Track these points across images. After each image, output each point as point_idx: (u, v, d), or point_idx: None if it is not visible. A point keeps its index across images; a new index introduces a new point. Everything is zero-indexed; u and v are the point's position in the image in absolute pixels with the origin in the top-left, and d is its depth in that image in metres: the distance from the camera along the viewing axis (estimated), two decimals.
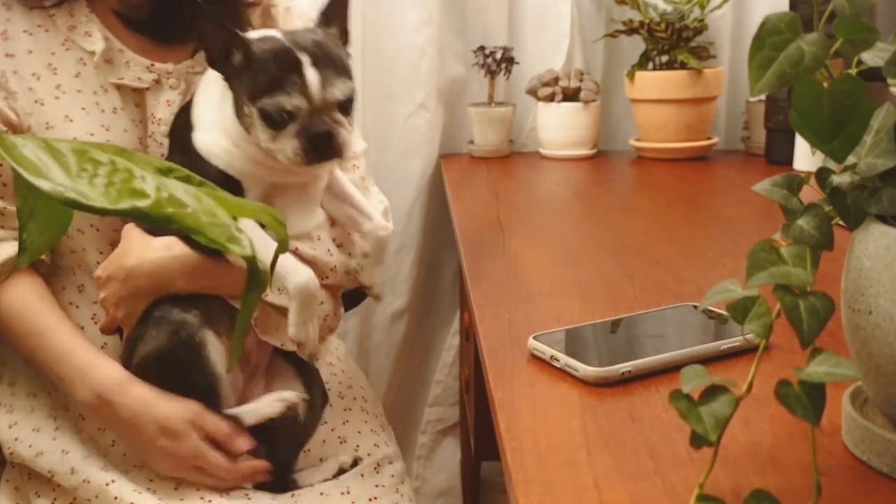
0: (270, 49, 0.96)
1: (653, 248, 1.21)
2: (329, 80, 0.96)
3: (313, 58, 0.96)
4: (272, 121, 0.96)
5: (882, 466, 0.59)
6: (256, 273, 0.41)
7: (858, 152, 0.56)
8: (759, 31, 0.54)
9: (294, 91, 0.95)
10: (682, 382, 0.52)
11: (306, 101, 0.95)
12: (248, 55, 0.96)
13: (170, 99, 1.11)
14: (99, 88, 1.09)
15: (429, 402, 2.01)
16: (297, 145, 0.96)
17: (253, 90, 0.96)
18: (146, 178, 0.40)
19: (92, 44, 1.09)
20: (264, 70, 0.95)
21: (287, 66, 0.95)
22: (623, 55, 1.97)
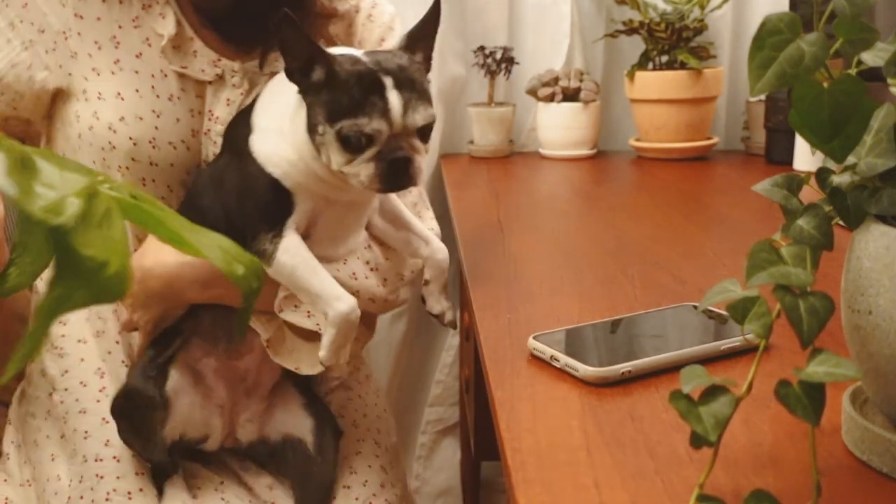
0: (353, 69, 0.91)
1: (653, 248, 1.21)
2: (411, 104, 0.91)
3: (396, 81, 0.91)
4: (349, 144, 0.90)
5: (882, 466, 0.59)
6: (69, 254, 0.34)
7: (858, 152, 0.56)
8: (759, 31, 0.54)
9: (375, 115, 0.90)
10: (682, 382, 0.52)
11: (387, 126, 0.90)
12: (330, 73, 0.90)
13: (230, 98, 1.08)
14: (158, 73, 1.06)
15: (429, 402, 2.01)
16: (374, 171, 0.91)
17: (332, 110, 0.91)
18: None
19: (163, 26, 1.06)
20: (346, 91, 0.90)
21: (370, 88, 0.90)
22: (623, 55, 1.97)
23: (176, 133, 1.06)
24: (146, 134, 1.05)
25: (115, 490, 1.03)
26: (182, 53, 1.07)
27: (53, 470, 1.07)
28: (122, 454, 1.05)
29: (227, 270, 0.41)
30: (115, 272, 0.34)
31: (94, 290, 0.34)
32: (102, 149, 1.05)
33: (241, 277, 0.42)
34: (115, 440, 1.05)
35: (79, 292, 0.34)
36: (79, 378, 1.09)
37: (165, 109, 1.06)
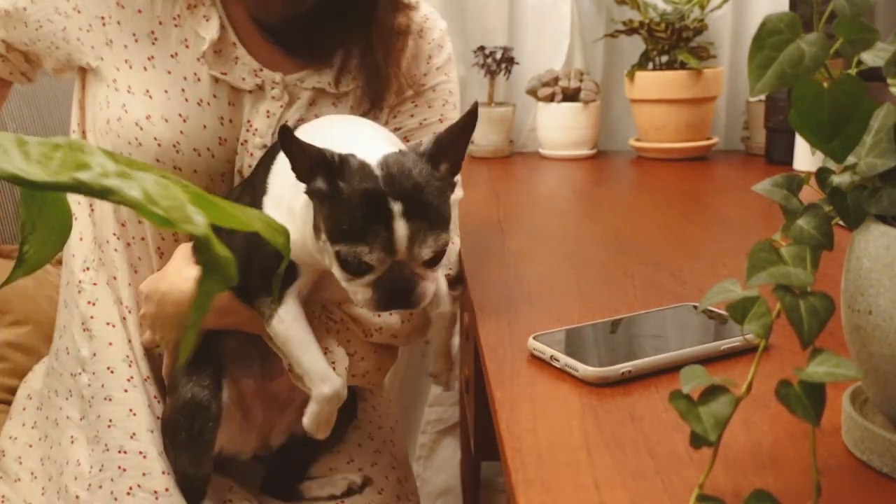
0: (359, 188, 0.82)
1: (653, 248, 1.21)
2: (419, 235, 0.83)
3: (407, 206, 0.82)
4: (348, 267, 0.85)
5: (882, 466, 0.59)
6: (212, 257, 0.40)
7: (858, 152, 0.56)
8: (759, 31, 0.53)
9: (377, 245, 0.82)
10: (681, 382, 0.51)
11: (389, 257, 0.83)
12: (333, 187, 0.83)
13: (270, 110, 1.04)
14: (191, 75, 1.03)
15: (429, 402, 2.01)
16: (371, 296, 0.85)
17: (334, 230, 0.84)
18: (95, 154, 0.39)
19: (206, 29, 1.03)
20: (348, 212, 0.82)
21: (375, 214, 0.82)
22: (623, 55, 1.97)
23: (202, 140, 1.03)
24: (171, 137, 1.03)
25: (140, 486, 1.02)
26: (223, 59, 1.03)
27: (73, 453, 1.07)
28: (148, 450, 1.04)
29: (269, 238, 0.46)
30: (234, 263, 0.40)
31: (226, 280, 0.40)
32: (129, 143, 1.03)
33: (283, 245, 0.48)
34: (142, 434, 1.04)
35: (218, 286, 0.40)
36: (107, 363, 1.08)
37: (193, 114, 1.03)
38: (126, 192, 0.38)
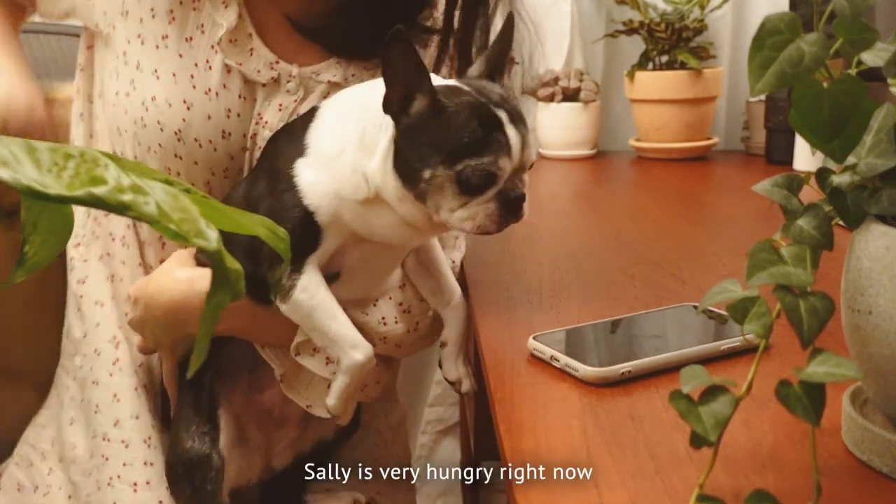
0: (464, 102, 0.82)
1: (653, 248, 1.21)
2: (525, 139, 0.84)
3: (509, 114, 0.83)
4: (469, 186, 0.82)
5: (882, 467, 0.59)
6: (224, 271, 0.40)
7: (858, 152, 0.56)
8: (759, 31, 0.53)
9: (500, 152, 0.81)
10: (681, 382, 0.51)
11: (510, 164, 0.82)
12: (435, 105, 0.81)
13: (283, 104, 1.00)
14: (203, 62, 0.99)
15: (429, 402, 2.01)
16: (494, 211, 0.83)
17: (449, 149, 0.81)
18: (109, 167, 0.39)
19: (224, 16, 0.98)
20: (462, 126, 0.80)
21: (487, 123, 0.81)
22: (623, 55, 1.97)
23: (204, 130, 0.99)
24: (173, 123, 0.98)
25: (119, 477, 1.00)
26: (238, 49, 0.99)
27: (71, 436, 1.05)
28: (131, 438, 1.01)
29: (271, 243, 0.47)
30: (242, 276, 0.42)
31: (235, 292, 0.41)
32: (135, 122, 1.00)
33: (284, 249, 0.48)
34: (126, 421, 1.01)
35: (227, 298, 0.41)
36: (94, 345, 1.05)
37: (198, 102, 0.98)
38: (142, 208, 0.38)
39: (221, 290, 0.41)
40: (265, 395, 1.03)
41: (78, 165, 0.39)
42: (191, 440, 0.97)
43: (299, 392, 0.99)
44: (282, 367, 0.98)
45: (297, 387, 0.99)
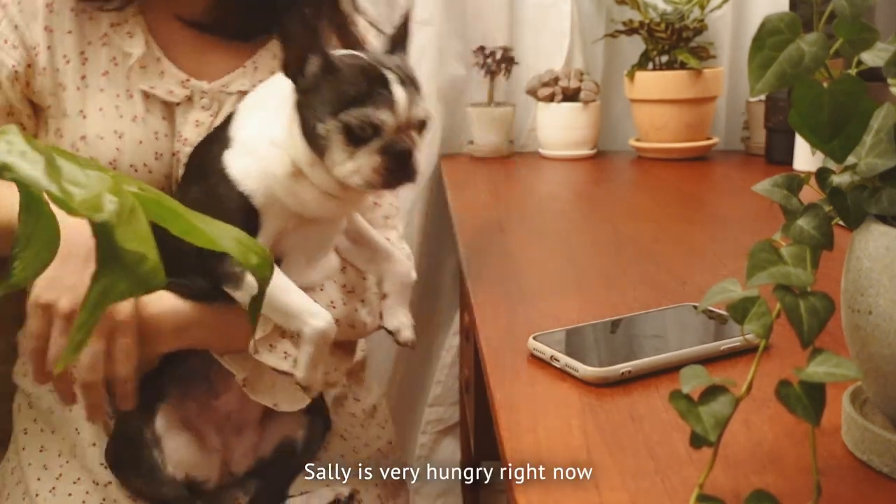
0: (355, 63, 0.90)
1: (653, 248, 1.21)
2: (413, 98, 0.90)
3: (398, 76, 0.90)
4: (354, 136, 0.88)
5: (882, 467, 0.59)
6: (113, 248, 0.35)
7: (858, 152, 0.56)
8: (759, 31, 0.54)
9: (382, 104, 0.88)
10: (681, 382, 0.52)
11: (393, 117, 0.88)
12: (327, 64, 0.89)
13: (199, 119, 1.06)
14: (123, 92, 1.05)
15: (429, 402, 2.01)
16: (379, 163, 0.89)
17: (336, 101, 0.88)
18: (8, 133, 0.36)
19: (131, 46, 1.05)
20: (351, 81, 0.89)
21: (374, 79, 0.89)
22: (623, 55, 1.97)
23: (138, 155, 1.04)
24: (107, 154, 1.03)
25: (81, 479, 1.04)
26: (149, 74, 1.05)
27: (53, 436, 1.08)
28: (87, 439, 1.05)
29: (242, 260, 0.43)
30: (153, 265, 0.36)
31: (135, 282, 0.36)
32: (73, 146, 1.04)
33: (256, 266, 0.44)
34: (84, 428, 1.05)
35: (121, 284, 0.36)
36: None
37: (128, 130, 1.04)
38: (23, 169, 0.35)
39: (108, 273, 0.36)
40: (221, 400, 1.04)
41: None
42: (125, 426, 1.01)
43: (263, 394, 1.00)
44: (243, 372, 0.99)
45: (260, 389, 1.00)
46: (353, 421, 1.21)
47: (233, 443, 1.06)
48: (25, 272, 0.42)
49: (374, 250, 1.05)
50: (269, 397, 1.01)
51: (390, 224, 1.13)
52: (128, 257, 0.36)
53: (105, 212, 0.35)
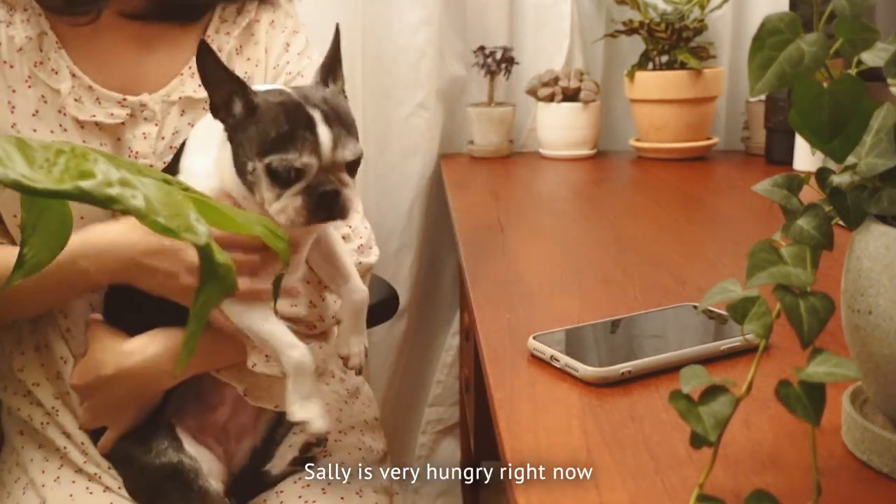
0: (280, 102, 0.89)
1: (653, 248, 1.21)
2: (340, 139, 0.90)
3: (324, 115, 0.89)
4: (278, 178, 0.88)
5: (882, 466, 0.59)
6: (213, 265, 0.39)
7: (858, 152, 0.56)
8: (759, 31, 0.53)
9: (305, 149, 0.88)
10: (681, 382, 0.51)
11: (316, 160, 0.88)
12: (250, 105, 0.89)
13: (145, 131, 1.07)
14: (57, 127, 1.04)
15: (429, 402, 2.01)
16: (301, 204, 0.89)
17: (261, 143, 0.89)
18: (99, 162, 0.39)
19: (58, 81, 1.04)
20: (274, 124, 0.88)
21: (298, 121, 0.88)
22: (623, 55, 1.97)
23: None
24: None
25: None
26: (86, 104, 1.05)
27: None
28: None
29: (270, 244, 0.47)
30: (233, 271, 0.40)
31: (225, 290, 0.40)
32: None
33: (283, 250, 0.48)
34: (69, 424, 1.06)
35: (217, 294, 0.40)
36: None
37: None
38: (129, 201, 0.38)
39: (210, 286, 0.40)
40: (218, 413, 1.06)
41: (68, 161, 0.38)
42: (157, 458, 1.00)
43: (264, 399, 1.02)
44: (242, 384, 1.01)
45: (260, 396, 1.02)
46: (337, 397, 1.23)
47: (234, 451, 1.08)
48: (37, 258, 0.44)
49: (335, 267, 1.04)
50: (269, 401, 1.03)
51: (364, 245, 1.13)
52: (221, 269, 0.40)
53: (202, 234, 0.39)
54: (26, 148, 0.38)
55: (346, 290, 1.03)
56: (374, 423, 1.24)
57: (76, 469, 1.06)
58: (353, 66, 1.82)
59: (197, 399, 1.04)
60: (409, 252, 1.92)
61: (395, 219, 1.91)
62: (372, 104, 1.88)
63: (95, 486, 1.05)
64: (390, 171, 1.90)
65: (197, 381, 1.02)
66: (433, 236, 1.96)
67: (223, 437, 1.07)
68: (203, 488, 0.99)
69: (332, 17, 1.84)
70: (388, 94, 1.88)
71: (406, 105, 1.88)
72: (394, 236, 1.91)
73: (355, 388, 1.27)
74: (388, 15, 1.85)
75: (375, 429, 1.24)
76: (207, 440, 1.05)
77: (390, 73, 1.87)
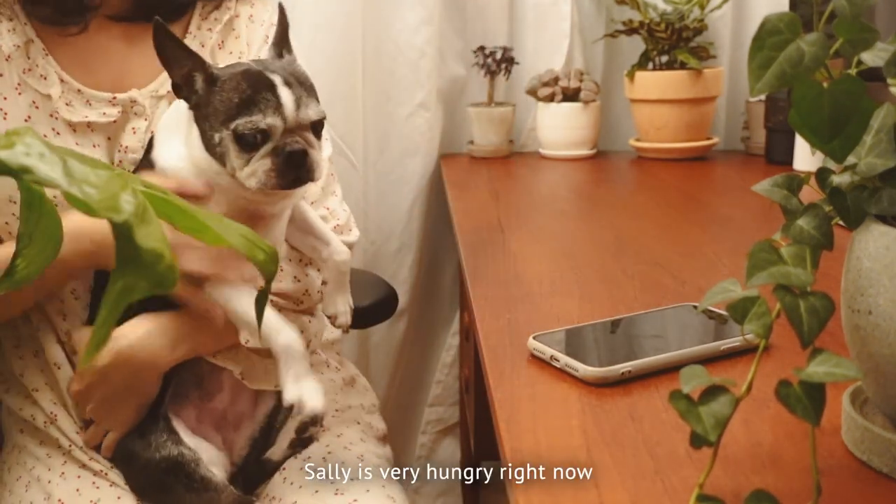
0: (240, 71, 0.93)
1: (653, 248, 1.21)
2: (302, 100, 0.93)
3: (284, 79, 0.92)
4: (245, 143, 0.91)
5: (882, 466, 0.59)
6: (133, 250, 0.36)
7: (858, 152, 0.56)
8: (759, 31, 0.53)
9: (268, 110, 0.91)
10: (681, 382, 0.51)
11: (281, 121, 0.91)
12: (211, 77, 0.93)
13: (136, 126, 1.08)
14: (50, 132, 1.05)
15: (429, 402, 2.01)
16: (270, 165, 0.91)
17: (225, 112, 0.92)
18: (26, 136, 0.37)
19: (46, 87, 1.05)
20: (236, 90, 0.92)
21: (259, 85, 0.92)
22: (623, 55, 1.97)
23: None
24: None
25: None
26: (77, 107, 1.06)
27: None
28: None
29: (249, 255, 0.45)
30: (169, 263, 0.37)
31: (153, 280, 0.37)
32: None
33: (263, 262, 0.45)
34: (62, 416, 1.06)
35: (140, 283, 0.37)
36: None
37: None
38: (43, 171, 0.36)
39: (129, 273, 0.37)
40: (216, 400, 1.07)
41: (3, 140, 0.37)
42: (156, 452, 1.00)
43: (261, 381, 1.04)
44: (239, 366, 1.03)
45: (257, 378, 1.04)
46: (333, 385, 1.24)
47: (234, 440, 1.08)
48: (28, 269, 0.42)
49: (315, 237, 1.08)
50: (267, 382, 1.04)
51: (328, 192, 1.17)
52: (146, 256, 0.36)
53: (124, 212, 0.36)
54: None
55: (328, 253, 1.07)
56: (371, 408, 1.25)
57: (81, 465, 1.06)
58: (353, 66, 1.82)
59: (195, 387, 1.05)
60: (409, 252, 1.92)
61: (395, 219, 1.91)
62: (372, 104, 1.88)
63: (102, 481, 1.05)
64: (390, 171, 1.90)
65: (195, 369, 1.03)
66: (433, 236, 1.96)
67: (222, 425, 1.07)
68: (205, 477, 1.00)
69: (333, 17, 1.86)
70: (388, 94, 1.88)
71: (406, 105, 1.87)
72: (394, 236, 1.91)
73: (351, 378, 1.28)
74: (388, 15, 1.85)
75: (374, 413, 1.25)
76: (207, 430, 1.06)
77: (390, 73, 1.87)
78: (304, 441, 1.07)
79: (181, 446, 1.00)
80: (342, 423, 1.16)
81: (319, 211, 1.12)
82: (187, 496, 1.00)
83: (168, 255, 0.37)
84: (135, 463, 1.02)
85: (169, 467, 1.00)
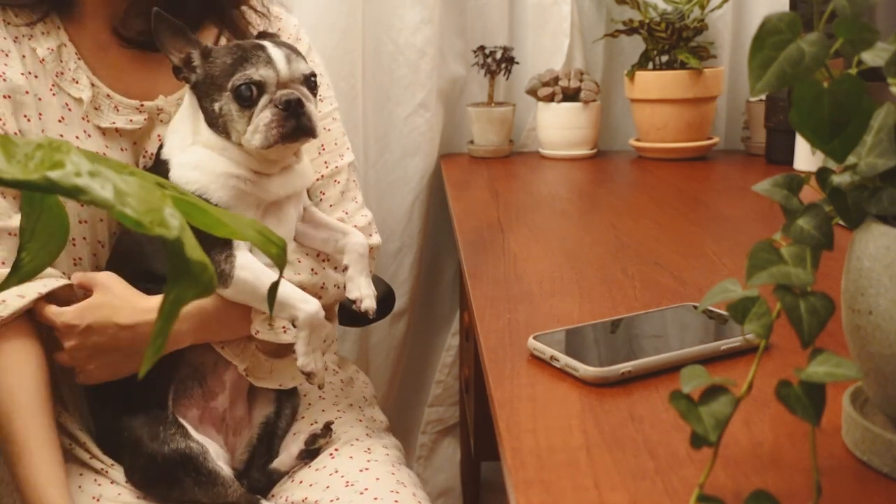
0: (232, 43, 1.02)
1: (653, 248, 1.21)
2: (292, 56, 1.00)
3: (273, 42, 1.01)
4: (243, 98, 0.97)
5: (882, 467, 0.59)
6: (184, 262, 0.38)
7: (858, 152, 0.56)
8: (759, 31, 0.53)
9: (260, 63, 0.98)
10: (682, 382, 0.51)
11: (273, 73, 0.98)
12: (206, 51, 1.00)
13: (160, 133, 1.11)
14: (82, 133, 1.08)
15: (429, 402, 2.01)
16: (270, 118, 0.97)
17: (222, 75, 0.99)
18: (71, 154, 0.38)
19: (78, 91, 1.08)
20: (230, 54, 0.99)
21: (250, 46, 1.00)
22: (623, 55, 1.97)
23: None
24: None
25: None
26: (105, 112, 1.09)
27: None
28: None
29: (263, 249, 0.47)
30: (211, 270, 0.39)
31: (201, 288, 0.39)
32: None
33: (276, 255, 0.47)
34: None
35: (189, 292, 0.39)
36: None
37: None
38: (97, 191, 0.37)
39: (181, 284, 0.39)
40: (217, 402, 1.08)
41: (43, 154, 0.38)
42: (165, 445, 1.01)
43: (265, 379, 1.07)
44: (244, 362, 1.06)
45: (261, 375, 1.07)
46: (332, 388, 1.25)
47: (234, 444, 1.10)
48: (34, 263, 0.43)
49: (330, 229, 1.11)
50: (270, 381, 1.08)
51: (348, 197, 1.20)
52: (195, 268, 0.38)
53: (173, 228, 0.38)
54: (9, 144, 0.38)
55: (346, 241, 1.10)
56: (372, 400, 1.27)
57: (82, 463, 1.06)
58: (353, 66, 1.82)
59: (198, 385, 1.06)
60: (409, 252, 1.92)
61: (395, 219, 1.91)
62: (372, 104, 1.88)
63: (103, 479, 1.05)
64: (390, 171, 1.90)
65: (198, 366, 1.05)
66: (433, 236, 1.96)
67: (222, 428, 1.09)
68: (213, 471, 1.01)
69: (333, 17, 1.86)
70: (389, 94, 1.88)
71: (406, 105, 1.88)
72: (394, 236, 1.91)
73: (349, 378, 1.30)
74: (389, 15, 1.85)
75: (374, 404, 1.27)
76: (209, 429, 1.07)
77: (390, 73, 1.87)
78: (313, 453, 1.10)
79: (189, 440, 1.02)
80: (345, 423, 1.16)
81: (336, 214, 1.16)
82: (195, 490, 1.01)
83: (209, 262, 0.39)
84: (142, 455, 1.02)
85: (178, 460, 1.01)
